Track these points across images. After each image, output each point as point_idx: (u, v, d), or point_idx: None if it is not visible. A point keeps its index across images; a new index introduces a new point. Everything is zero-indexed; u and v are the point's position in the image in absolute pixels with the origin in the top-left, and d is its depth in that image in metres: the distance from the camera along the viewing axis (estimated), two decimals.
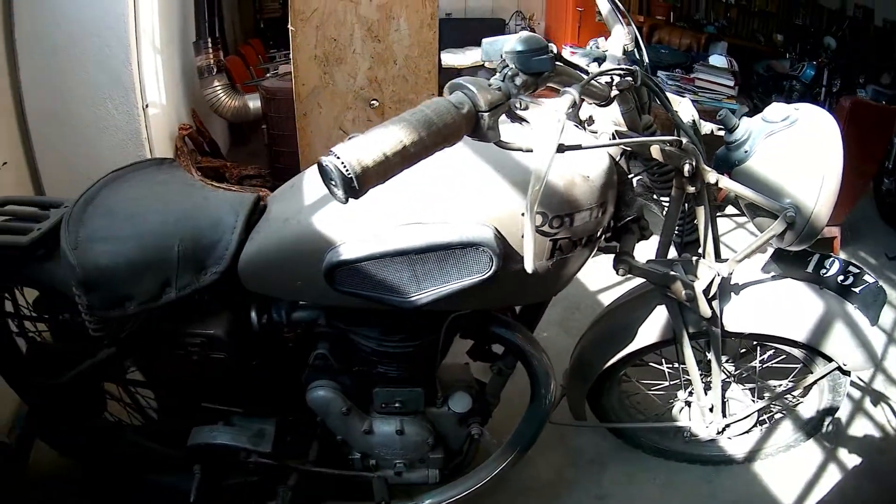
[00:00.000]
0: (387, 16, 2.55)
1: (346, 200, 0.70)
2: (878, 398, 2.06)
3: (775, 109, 1.22)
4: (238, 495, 1.46)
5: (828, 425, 1.70)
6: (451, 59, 6.23)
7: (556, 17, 6.88)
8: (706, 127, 1.31)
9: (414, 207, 1.08)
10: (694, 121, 1.25)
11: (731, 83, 3.72)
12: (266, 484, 1.42)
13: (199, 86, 3.60)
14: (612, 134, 1.15)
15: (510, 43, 0.84)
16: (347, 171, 0.69)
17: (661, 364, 1.69)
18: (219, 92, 3.72)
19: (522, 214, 1.03)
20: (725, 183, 1.19)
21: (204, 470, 1.40)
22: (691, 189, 1.23)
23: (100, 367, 1.43)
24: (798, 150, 1.17)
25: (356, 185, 0.69)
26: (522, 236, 0.92)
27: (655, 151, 1.15)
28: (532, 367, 1.36)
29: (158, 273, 1.16)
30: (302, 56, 2.34)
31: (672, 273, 1.30)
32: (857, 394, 2.08)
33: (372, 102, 2.40)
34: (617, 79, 1.07)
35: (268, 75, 3.72)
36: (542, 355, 1.36)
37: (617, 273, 1.29)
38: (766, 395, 1.66)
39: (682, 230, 1.41)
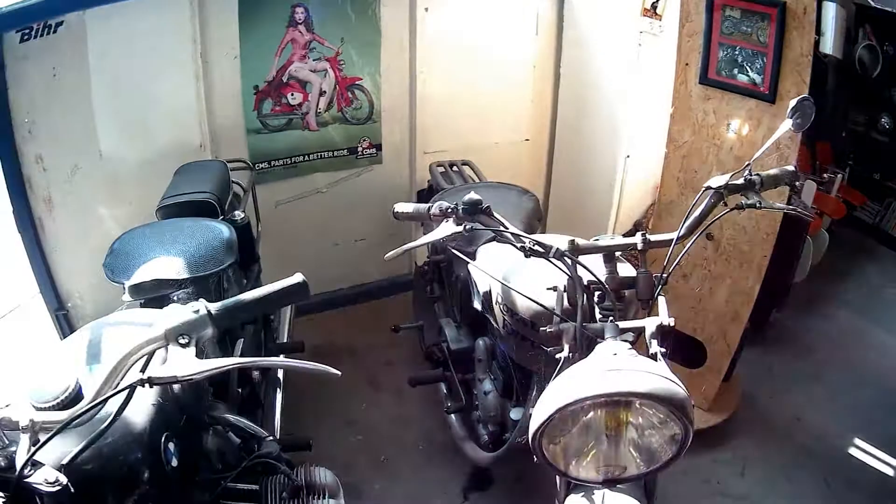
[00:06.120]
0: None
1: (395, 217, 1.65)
2: None
3: (626, 351, 1.26)
4: (430, 353, 2.62)
5: None
6: None
7: None
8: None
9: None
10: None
11: None
12: (437, 360, 2.53)
13: None
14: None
15: (467, 196, 1.42)
16: (395, 213, 1.60)
17: None
18: None
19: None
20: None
21: (434, 336, 2.63)
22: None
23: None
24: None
25: (396, 217, 1.60)
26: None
27: None
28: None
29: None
30: (668, 174, 2.68)
31: None
32: None
33: (710, 235, 2.52)
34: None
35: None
36: None
37: None
38: None
39: None
